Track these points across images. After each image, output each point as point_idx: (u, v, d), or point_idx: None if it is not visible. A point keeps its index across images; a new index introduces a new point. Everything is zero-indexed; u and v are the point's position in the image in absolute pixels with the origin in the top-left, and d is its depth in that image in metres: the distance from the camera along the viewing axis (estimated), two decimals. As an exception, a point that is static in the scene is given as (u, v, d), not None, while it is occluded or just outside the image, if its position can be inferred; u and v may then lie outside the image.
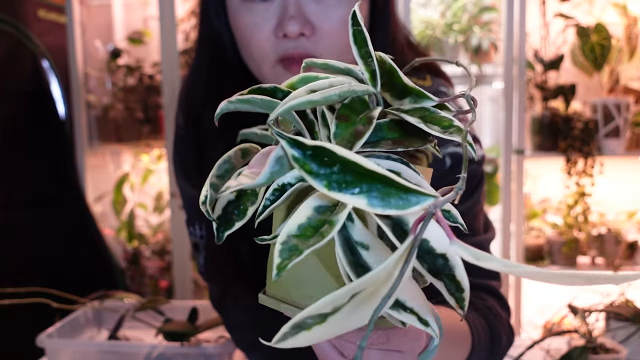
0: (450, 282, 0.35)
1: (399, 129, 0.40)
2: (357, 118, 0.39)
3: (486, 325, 0.74)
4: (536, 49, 2.16)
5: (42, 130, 1.98)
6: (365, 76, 0.42)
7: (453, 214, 0.39)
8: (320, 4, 0.72)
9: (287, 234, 0.34)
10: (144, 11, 2.43)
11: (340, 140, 0.36)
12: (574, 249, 2.13)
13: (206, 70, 0.82)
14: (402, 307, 0.35)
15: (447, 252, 0.34)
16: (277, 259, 0.32)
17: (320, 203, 0.36)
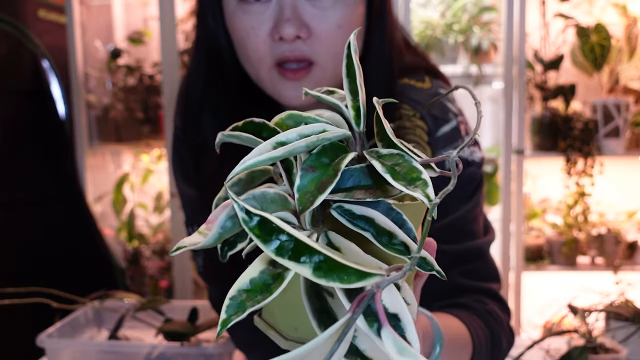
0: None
1: (375, 175, 0.38)
2: (325, 169, 0.38)
3: (487, 329, 0.74)
4: (536, 49, 2.16)
5: (42, 130, 1.98)
6: (350, 114, 0.41)
7: (429, 262, 0.38)
8: (317, 6, 0.72)
9: (237, 288, 0.35)
10: (144, 11, 2.43)
11: (302, 194, 0.36)
12: (573, 249, 2.13)
13: (204, 72, 0.82)
14: (362, 356, 0.34)
15: (399, 312, 0.33)
16: (223, 314, 0.34)
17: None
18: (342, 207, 0.38)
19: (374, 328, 0.33)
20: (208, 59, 0.81)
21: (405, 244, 0.36)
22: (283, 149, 0.37)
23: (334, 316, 0.36)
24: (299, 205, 0.36)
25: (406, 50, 0.85)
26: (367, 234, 0.37)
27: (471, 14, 2.24)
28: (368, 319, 0.33)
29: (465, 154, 0.79)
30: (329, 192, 0.36)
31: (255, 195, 0.39)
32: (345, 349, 0.34)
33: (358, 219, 0.37)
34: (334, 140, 0.39)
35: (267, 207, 0.39)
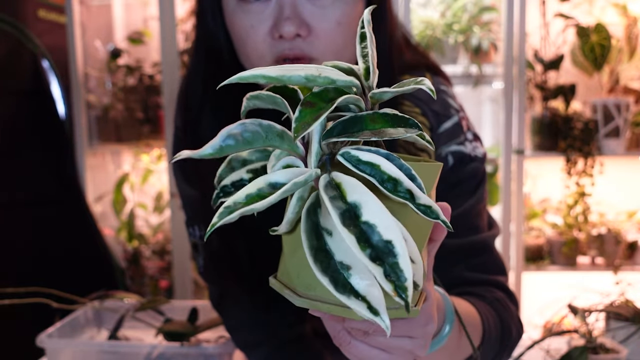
0: (391, 269, 0.34)
1: (382, 119, 0.40)
2: (324, 105, 0.39)
3: (496, 316, 0.73)
4: (536, 49, 2.16)
5: (42, 130, 1.98)
6: (361, 72, 0.43)
7: (434, 210, 0.38)
8: (316, 4, 0.72)
9: (234, 200, 0.37)
10: (144, 11, 2.43)
11: (299, 124, 0.37)
12: (573, 249, 2.13)
13: (203, 72, 0.82)
14: (355, 294, 0.35)
15: (393, 239, 0.34)
16: (215, 218, 0.36)
17: (278, 179, 0.38)
18: (349, 152, 0.39)
19: (366, 252, 0.34)
20: (208, 59, 0.81)
21: (410, 191, 0.37)
22: (280, 71, 0.38)
23: (330, 254, 0.37)
24: (294, 132, 0.36)
25: (406, 48, 0.85)
26: (372, 179, 0.37)
27: (471, 13, 2.24)
28: (361, 244, 0.34)
29: (467, 150, 0.79)
30: (321, 119, 0.37)
31: (263, 124, 0.40)
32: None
33: (364, 165, 0.38)
34: (340, 85, 0.40)
35: (273, 139, 0.40)
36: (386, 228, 0.35)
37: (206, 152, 0.39)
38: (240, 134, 0.40)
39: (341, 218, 0.35)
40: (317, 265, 0.36)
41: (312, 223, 0.38)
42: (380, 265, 0.34)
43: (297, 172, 0.39)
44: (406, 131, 0.39)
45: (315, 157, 0.40)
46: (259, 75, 0.37)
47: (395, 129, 0.39)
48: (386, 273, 0.34)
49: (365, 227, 0.35)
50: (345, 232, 0.34)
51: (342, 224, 0.35)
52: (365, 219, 0.35)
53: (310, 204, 0.39)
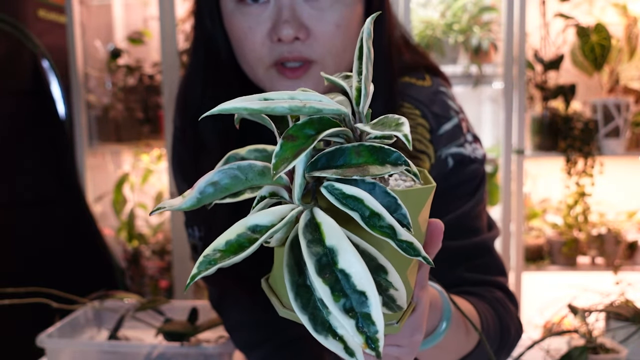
0: (364, 320, 0.34)
1: (367, 153, 0.39)
2: (306, 140, 0.37)
3: (495, 315, 0.73)
4: (536, 49, 2.16)
5: (42, 130, 1.98)
6: (353, 93, 0.42)
7: (415, 247, 0.37)
8: (315, 7, 0.72)
9: (213, 248, 0.36)
10: (144, 11, 2.43)
11: (278, 160, 0.36)
12: (573, 249, 2.13)
13: (202, 73, 0.82)
14: (333, 333, 0.35)
15: (367, 290, 0.34)
16: (195, 269, 0.35)
17: (259, 222, 0.37)
18: (333, 185, 0.38)
19: (339, 303, 0.34)
20: (206, 60, 0.81)
21: (392, 227, 0.36)
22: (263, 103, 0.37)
23: (312, 291, 0.36)
24: (273, 169, 0.36)
25: (405, 49, 0.85)
26: (355, 214, 0.37)
27: (471, 13, 2.24)
28: (335, 293, 0.34)
29: (467, 152, 0.79)
30: (302, 158, 0.36)
31: (241, 167, 0.39)
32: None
33: (347, 199, 0.37)
34: (326, 114, 0.39)
35: (254, 179, 0.39)
36: (361, 278, 0.34)
37: (185, 206, 0.39)
38: (218, 182, 0.39)
39: (317, 266, 0.35)
40: (297, 302, 0.36)
41: (294, 258, 0.37)
42: (353, 317, 0.34)
43: (277, 212, 0.38)
44: (393, 168, 0.38)
45: (299, 190, 0.39)
46: (241, 107, 0.36)
47: (382, 166, 0.38)
48: (358, 325, 0.34)
49: (341, 275, 0.34)
50: (319, 283, 0.34)
51: (317, 273, 0.34)
52: (341, 267, 0.35)
53: (294, 237, 0.38)
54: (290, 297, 0.36)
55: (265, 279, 0.47)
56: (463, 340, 0.67)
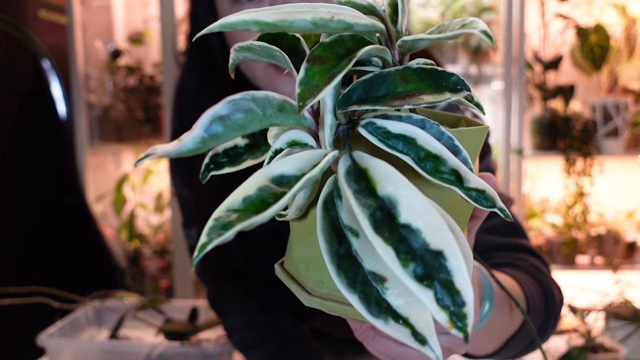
0: (445, 290, 0.25)
1: (416, 78, 0.30)
2: (338, 61, 0.29)
3: (537, 284, 0.68)
4: (535, 49, 2.16)
5: (42, 130, 1.98)
6: (386, 11, 0.34)
7: (489, 196, 0.30)
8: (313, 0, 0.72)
9: (227, 208, 0.27)
10: (144, 11, 2.43)
11: (305, 89, 0.28)
12: (573, 249, 2.13)
13: (197, 73, 0.82)
14: (394, 315, 0.27)
15: (444, 248, 0.25)
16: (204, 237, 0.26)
17: (284, 172, 0.28)
18: (374, 123, 0.30)
19: (409, 269, 0.25)
20: (202, 59, 0.81)
21: (456, 171, 0.29)
22: (279, 15, 0.29)
23: (358, 262, 0.28)
24: (299, 100, 0.28)
25: None
26: (407, 157, 0.29)
27: (471, 14, 2.24)
28: (401, 256, 0.25)
29: None
30: (334, 82, 0.28)
31: (257, 97, 0.30)
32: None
33: (394, 139, 0.30)
34: (358, 30, 0.30)
35: (273, 115, 0.30)
36: (434, 233, 0.25)
37: (184, 149, 0.28)
38: (228, 116, 0.28)
39: (372, 222, 0.26)
40: (342, 277, 0.28)
41: (331, 221, 0.29)
42: (429, 286, 0.25)
43: (305, 158, 0.29)
44: (452, 94, 0.30)
45: (329, 132, 0.30)
46: (249, 20, 0.28)
47: (439, 93, 0.30)
48: (437, 296, 0.25)
49: (406, 232, 0.25)
50: (379, 243, 0.25)
51: (374, 230, 0.25)
52: (404, 221, 0.26)
53: (327, 195, 0.30)
54: (332, 271, 0.28)
55: (279, 264, 0.39)
56: (507, 320, 0.61)
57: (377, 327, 0.27)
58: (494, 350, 0.64)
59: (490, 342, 0.62)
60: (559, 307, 0.71)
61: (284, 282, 0.37)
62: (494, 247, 0.72)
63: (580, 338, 0.96)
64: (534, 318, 0.65)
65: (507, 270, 0.67)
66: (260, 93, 0.30)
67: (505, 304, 0.59)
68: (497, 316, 0.56)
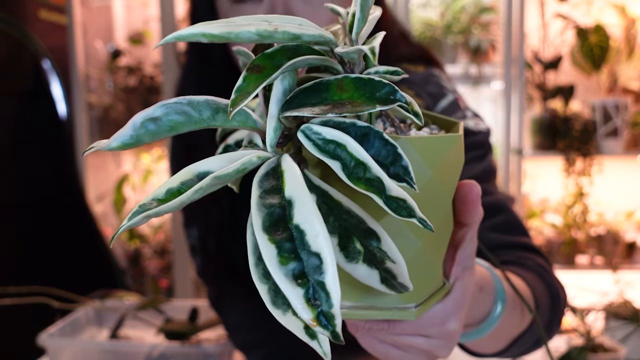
0: (317, 290, 0.26)
1: (351, 87, 0.31)
2: (275, 70, 0.31)
3: (543, 284, 0.68)
4: (535, 49, 2.16)
5: (42, 130, 1.99)
6: (347, 19, 0.35)
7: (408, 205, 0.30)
8: (308, 3, 0.72)
9: (153, 196, 0.29)
10: (145, 12, 2.43)
11: (238, 95, 0.29)
12: (572, 249, 2.14)
13: (197, 72, 0.82)
14: (293, 309, 0.28)
15: (322, 251, 0.27)
16: (125, 220, 0.28)
17: (209, 168, 0.31)
18: (312, 128, 0.31)
19: (287, 267, 0.27)
20: (201, 60, 0.81)
21: (379, 179, 0.30)
22: (224, 27, 0.30)
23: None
24: (230, 106, 0.29)
25: (402, 42, 0.84)
26: (335, 163, 0.30)
27: (470, 14, 2.24)
28: (284, 254, 0.27)
29: (470, 125, 0.77)
30: (259, 87, 0.30)
31: (194, 102, 0.32)
32: None
33: (329, 144, 0.31)
34: (306, 40, 0.31)
35: (211, 118, 0.32)
36: (316, 236, 0.27)
37: (114, 145, 0.30)
38: (160, 118, 0.31)
39: (266, 220, 0.28)
40: (259, 269, 0.29)
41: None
42: (303, 285, 0.26)
43: (232, 157, 0.31)
44: (381, 105, 0.30)
45: (273, 135, 0.32)
46: (198, 33, 0.30)
47: (368, 104, 0.30)
48: (307, 295, 0.26)
49: (296, 232, 0.27)
50: (263, 241, 0.27)
51: (263, 229, 0.27)
52: (296, 222, 0.27)
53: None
54: (251, 263, 0.29)
55: None
56: (518, 321, 0.61)
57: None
58: (501, 349, 0.64)
59: (499, 342, 0.62)
60: (564, 306, 0.71)
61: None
62: (497, 245, 0.72)
63: (580, 338, 0.96)
64: (541, 318, 0.65)
65: (515, 270, 0.67)
66: (200, 97, 0.32)
67: (517, 306, 0.59)
68: (508, 317, 0.56)
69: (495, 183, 0.78)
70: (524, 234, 0.75)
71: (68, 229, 1.95)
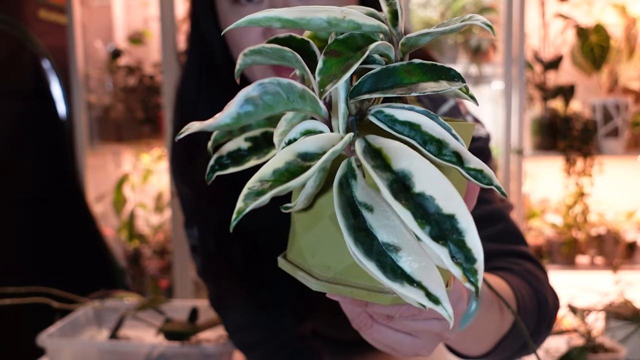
0: (458, 249, 0.28)
1: (419, 71, 0.34)
2: (352, 53, 0.33)
3: (529, 288, 0.69)
4: (535, 49, 2.16)
5: (42, 130, 1.99)
6: (387, 17, 0.37)
7: (486, 175, 0.32)
8: (308, 3, 0.72)
9: (259, 178, 0.30)
10: (144, 11, 2.43)
11: (324, 77, 0.32)
12: (573, 249, 2.14)
13: (197, 73, 0.82)
14: (408, 279, 0.29)
15: (456, 212, 0.29)
16: (240, 202, 0.29)
17: (308, 149, 0.32)
18: (383, 111, 0.34)
19: (425, 230, 0.28)
20: (202, 60, 0.81)
21: (458, 153, 0.32)
22: (298, 13, 0.32)
23: (373, 234, 0.31)
24: (319, 87, 0.31)
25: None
26: (413, 141, 0.32)
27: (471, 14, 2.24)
28: (418, 220, 0.28)
29: None
30: (351, 70, 0.31)
31: (282, 83, 0.34)
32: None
33: (401, 125, 0.33)
34: (366, 30, 0.34)
35: (295, 101, 0.34)
36: (446, 199, 0.29)
37: (222, 123, 0.33)
38: (259, 97, 0.33)
39: (391, 190, 0.29)
40: (359, 247, 0.30)
41: (346, 198, 0.32)
42: (444, 245, 0.28)
43: (326, 138, 0.32)
44: (450, 84, 0.33)
45: (343, 120, 0.34)
46: (273, 17, 0.32)
47: (437, 82, 0.33)
48: (452, 254, 0.28)
49: (421, 199, 0.29)
50: (399, 207, 0.28)
51: (394, 197, 0.29)
52: (419, 190, 0.29)
53: (342, 176, 0.33)
54: (349, 242, 0.30)
55: (282, 257, 0.42)
56: (497, 321, 0.62)
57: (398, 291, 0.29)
58: (486, 351, 0.65)
59: (480, 343, 0.63)
60: (553, 312, 0.72)
61: (289, 272, 0.40)
62: (493, 253, 0.73)
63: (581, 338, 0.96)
64: (526, 321, 0.66)
65: (499, 273, 0.68)
66: (284, 80, 0.34)
67: (494, 304, 0.60)
68: (485, 315, 0.58)
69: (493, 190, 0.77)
70: (520, 242, 0.76)
71: (68, 229, 1.95)
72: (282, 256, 0.42)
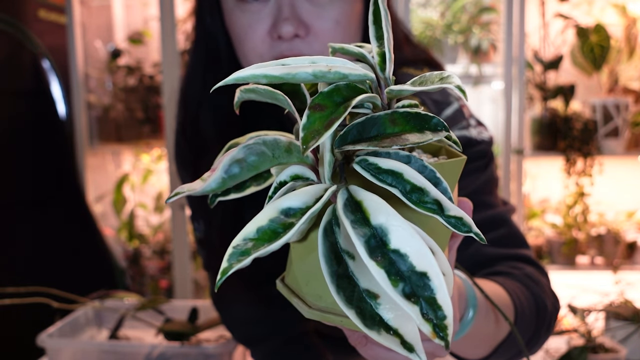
0: (429, 306, 0.29)
1: (403, 121, 0.35)
2: (336, 108, 0.33)
3: (528, 293, 0.69)
4: (536, 49, 2.16)
5: (42, 130, 1.99)
6: (375, 60, 0.38)
7: (466, 223, 0.33)
8: (314, 4, 0.72)
9: (243, 237, 0.32)
10: (144, 11, 2.43)
11: (308, 133, 0.32)
12: (573, 249, 2.13)
13: (202, 71, 0.82)
14: (385, 327, 0.31)
15: (428, 270, 0.30)
16: (225, 262, 0.31)
17: (292, 204, 0.33)
18: (367, 160, 0.34)
19: (398, 288, 0.29)
20: (207, 57, 0.81)
21: (438, 201, 0.33)
22: (283, 69, 0.33)
23: (354, 281, 0.32)
24: (302, 144, 0.31)
25: (406, 45, 0.84)
26: (395, 190, 0.33)
27: (471, 14, 2.24)
28: (392, 277, 0.29)
29: (473, 134, 0.77)
30: (333, 128, 0.32)
31: (267, 141, 0.35)
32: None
33: (384, 174, 0.33)
34: (353, 80, 0.35)
35: (281, 156, 0.36)
36: (419, 257, 0.30)
37: (209, 188, 0.35)
38: (244, 159, 0.35)
39: (367, 247, 0.30)
40: (341, 295, 0.31)
41: (330, 245, 0.33)
42: (416, 302, 0.29)
43: (310, 192, 0.34)
44: (433, 135, 0.34)
45: (328, 168, 0.34)
46: (259, 75, 0.33)
47: (421, 133, 0.34)
48: (423, 311, 0.29)
49: (395, 256, 0.30)
50: (373, 266, 0.30)
51: (368, 255, 0.30)
52: (394, 247, 0.30)
53: (327, 223, 0.34)
54: (332, 290, 0.31)
55: (280, 280, 0.43)
56: (493, 328, 0.63)
57: (370, 337, 0.31)
58: (484, 356, 0.66)
59: (478, 348, 0.64)
60: (553, 316, 0.72)
61: (285, 296, 0.42)
62: (495, 258, 0.74)
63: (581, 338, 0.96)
64: (524, 326, 0.67)
65: (498, 279, 0.69)
66: (269, 137, 0.35)
67: (490, 312, 0.61)
68: (482, 322, 0.59)
69: (496, 193, 0.79)
70: (522, 246, 0.77)
71: (68, 229, 1.95)
72: (280, 279, 0.43)
